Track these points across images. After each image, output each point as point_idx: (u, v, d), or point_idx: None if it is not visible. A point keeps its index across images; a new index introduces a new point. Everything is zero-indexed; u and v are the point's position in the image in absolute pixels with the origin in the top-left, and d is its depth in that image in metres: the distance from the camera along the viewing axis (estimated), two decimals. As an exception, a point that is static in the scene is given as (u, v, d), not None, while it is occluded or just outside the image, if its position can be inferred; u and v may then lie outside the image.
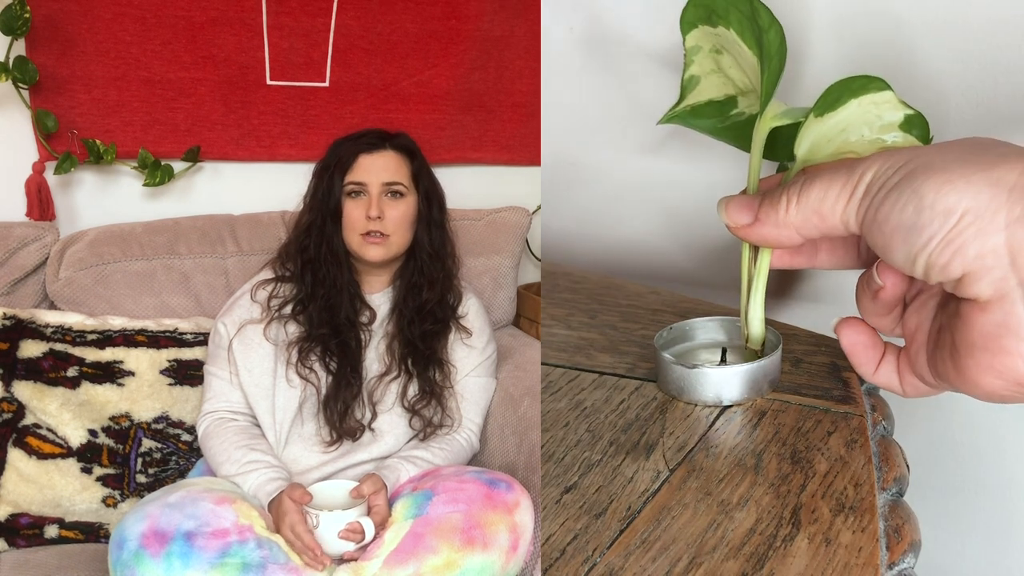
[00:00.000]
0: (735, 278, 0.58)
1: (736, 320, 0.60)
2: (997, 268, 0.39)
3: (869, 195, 0.43)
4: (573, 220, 0.89)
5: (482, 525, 0.72)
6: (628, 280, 0.78)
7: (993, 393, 0.42)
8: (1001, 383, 0.41)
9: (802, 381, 0.57)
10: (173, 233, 1.01)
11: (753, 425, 0.51)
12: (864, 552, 0.41)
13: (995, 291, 0.39)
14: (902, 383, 0.48)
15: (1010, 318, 0.39)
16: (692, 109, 0.58)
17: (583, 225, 0.88)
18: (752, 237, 0.48)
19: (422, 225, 0.88)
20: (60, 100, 1.00)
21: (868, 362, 0.48)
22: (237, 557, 0.69)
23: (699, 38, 0.58)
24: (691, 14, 0.57)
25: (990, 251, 0.39)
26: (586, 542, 0.42)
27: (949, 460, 0.72)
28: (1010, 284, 0.39)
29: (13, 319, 0.91)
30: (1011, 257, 0.39)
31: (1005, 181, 0.39)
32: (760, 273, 0.51)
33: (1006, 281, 0.39)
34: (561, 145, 0.86)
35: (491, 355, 0.93)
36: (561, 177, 0.88)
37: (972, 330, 0.41)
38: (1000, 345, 0.40)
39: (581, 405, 0.55)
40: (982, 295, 0.40)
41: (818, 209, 0.44)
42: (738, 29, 0.55)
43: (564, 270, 0.82)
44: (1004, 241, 0.38)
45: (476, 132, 1.18)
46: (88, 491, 0.89)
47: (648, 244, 0.84)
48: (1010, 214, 0.38)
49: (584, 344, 0.64)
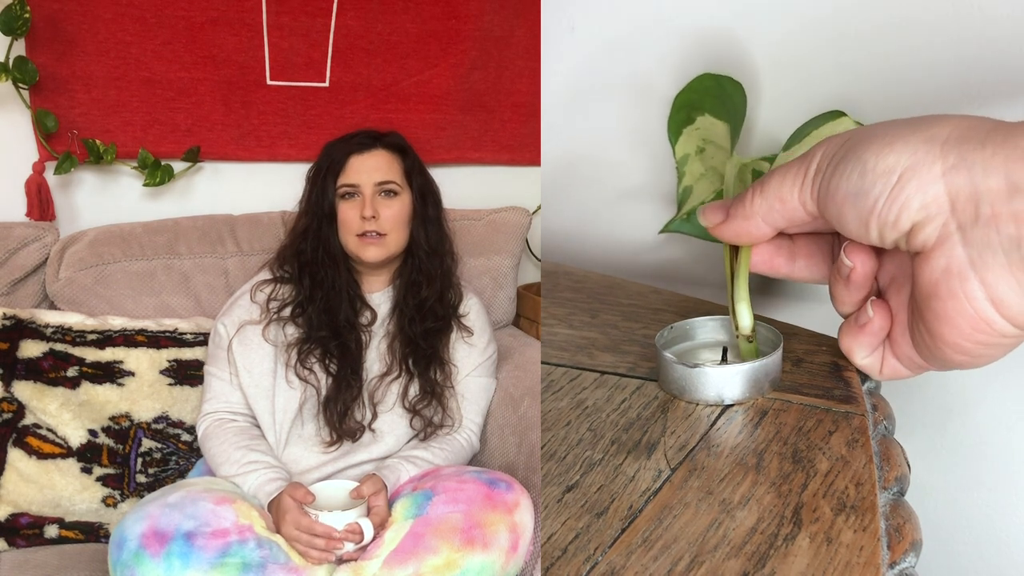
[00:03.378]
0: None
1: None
2: (939, 215, 0.41)
3: (820, 172, 0.46)
4: (573, 220, 0.89)
5: (482, 525, 0.72)
6: (627, 279, 0.78)
7: (960, 349, 0.43)
8: (960, 336, 0.43)
9: (803, 380, 0.57)
10: (173, 233, 1.01)
11: (754, 424, 0.52)
12: (865, 551, 0.41)
13: (937, 237, 0.42)
14: (882, 366, 0.51)
15: (951, 261, 0.41)
16: (688, 216, 0.66)
17: (583, 225, 0.88)
18: (726, 234, 0.52)
19: (418, 223, 0.88)
20: (60, 100, 1.00)
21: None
22: (237, 557, 0.69)
23: (685, 145, 0.67)
24: (674, 121, 0.68)
25: (932, 200, 0.41)
26: (588, 541, 0.42)
27: (950, 459, 0.73)
28: (950, 228, 0.41)
29: (13, 319, 0.91)
30: (951, 203, 0.41)
31: (938, 136, 0.42)
32: (741, 267, 0.53)
33: (947, 226, 0.41)
34: (561, 145, 0.87)
35: (492, 355, 0.93)
36: (561, 177, 0.88)
37: (923, 282, 0.43)
38: (948, 290, 0.42)
39: (583, 404, 0.55)
40: (928, 243, 0.42)
41: (778, 194, 0.48)
42: (712, 109, 0.66)
43: (564, 270, 0.82)
44: (943, 189, 0.41)
45: (476, 132, 1.18)
46: (88, 491, 0.89)
47: (648, 244, 0.84)
48: (944, 163, 0.41)
49: (585, 343, 0.64)
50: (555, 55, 0.83)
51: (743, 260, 0.53)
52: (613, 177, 0.85)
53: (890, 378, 0.52)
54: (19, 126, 1.00)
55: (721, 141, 0.66)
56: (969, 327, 0.42)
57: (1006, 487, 0.71)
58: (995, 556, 0.73)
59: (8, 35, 0.93)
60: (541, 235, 0.95)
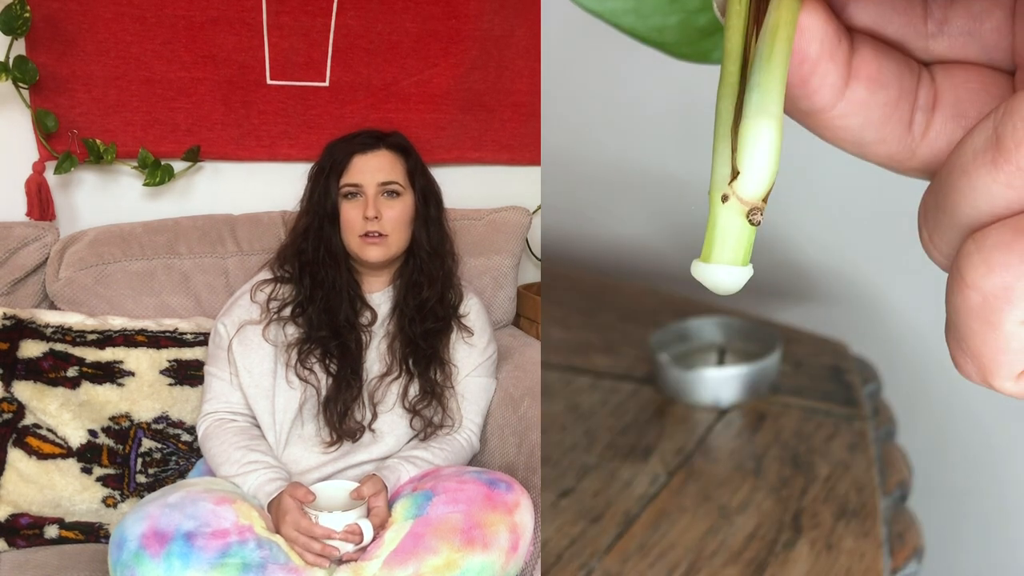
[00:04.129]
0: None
1: (735, 321, 0.59)
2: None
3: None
4: (573, 220, 0.88)
5: (482, 525, 0.72)
6: (627, 280, 0.78)
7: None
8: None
9: (803, 383, 0.56)
10: (173, 233, 1.01)
11: (753, 428, 0.51)
12: (867, 558, 0.40)
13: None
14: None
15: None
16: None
17: (583, 225, 0.88)
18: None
19: (420, 223, 0.88)
20: (60, 100, 1.00)
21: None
22: (237, 557, 0.69)
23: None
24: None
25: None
26: (583, 547, 0.42)
27: (953, 463, 0.72)
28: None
29: (13, 319, 0.91)
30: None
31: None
32: (778, 38, 0.23)
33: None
34: (561, 145, 0.86)
35: (492, 355, 0.92)
36: (561, 177, 0.88)
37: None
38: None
39: (578, 408, 0.55)
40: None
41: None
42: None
43: (564, 270, 0.82)
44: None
45: (476, 132, 1.18)
46: (88, 491, 0.89)
47: (648, 244, 0.84)
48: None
49: (582, 345, 0.64)
50: (555, 55, 0.82)
51: (782, 26, 0.23)
52: (613, 177, 0.84)
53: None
54: (19, 126, 1.00)
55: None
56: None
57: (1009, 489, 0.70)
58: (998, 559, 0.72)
59: (8, 35, 0.93)
60: (541, 235, 0.94)
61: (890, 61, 0.24)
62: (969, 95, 0.24)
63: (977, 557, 0.73)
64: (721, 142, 0.21)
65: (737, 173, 0.21)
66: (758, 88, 0.21)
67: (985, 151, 0.20)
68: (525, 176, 1.19)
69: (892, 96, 0.23)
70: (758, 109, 0.21)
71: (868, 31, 0.23)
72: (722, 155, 0.21)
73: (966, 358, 0.22)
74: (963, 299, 0.21)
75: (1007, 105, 0.20)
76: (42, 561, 0.81)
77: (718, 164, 0.21)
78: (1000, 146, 0.20)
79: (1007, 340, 0.21)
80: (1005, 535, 0.71)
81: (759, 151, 0.21)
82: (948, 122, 0.24)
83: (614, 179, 0.84)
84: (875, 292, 0.76)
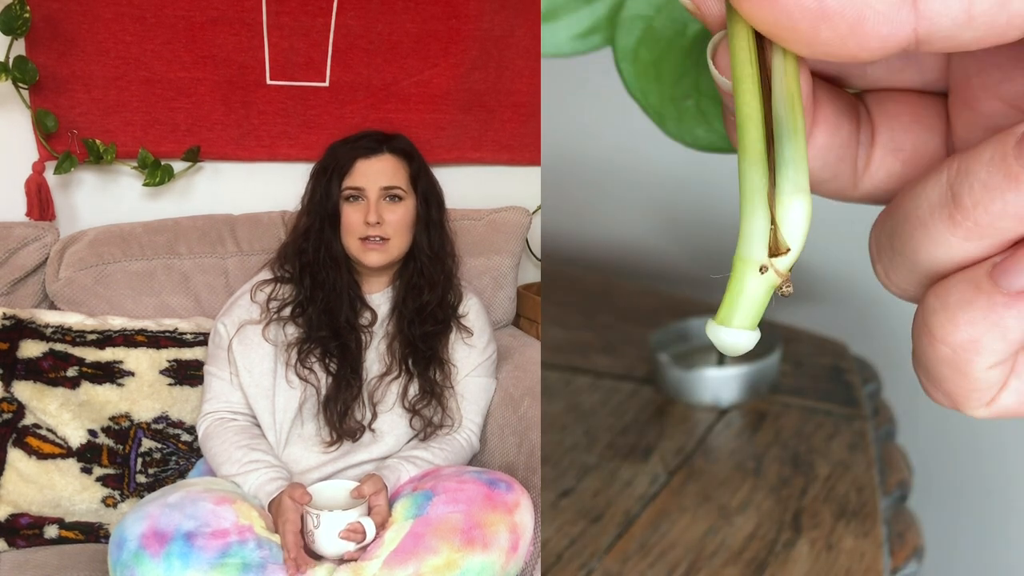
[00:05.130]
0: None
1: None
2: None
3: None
4: (573, 220, 0.88)
5: (482, 525, 0.72)
6: (627, 280, 0.78)
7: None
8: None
9: (803, 383, 0.56)
10: (173, 233, 1.01)
11: (753, 428, 0.51)
12: (867, 558, 0.40)
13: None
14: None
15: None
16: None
17: (583, 225, 0.88)
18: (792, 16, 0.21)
19: (421, 227, 0.88)
20: (60, 100, 1.00)
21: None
22: (237, 557, 0.69)
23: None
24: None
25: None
26: (583, 547, 0.42)
27: (953, 463, 0.72)
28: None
29: (13, 319, 0.91)
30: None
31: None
32: (791, 96, 0.22)
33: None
34: (561, 145, 0.86)
35: (491, 355, 0.92)
36: (561, 177, 0.88)
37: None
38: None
39: (578, 407, 0.55)
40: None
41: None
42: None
43: (564, 270, 0.82)
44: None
45: (476, 132, 1.18)
46: (88, 491, 0.89)
47: (648, 244, 0.84)
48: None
49: (582, 345, 0.64)
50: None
51: (796, 96, 0.22)
52: (613, 177, 0.84)
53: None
54: (19, 126, 1.00)
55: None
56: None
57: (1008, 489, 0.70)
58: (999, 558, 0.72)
59: (8, 35, 0.93)
60: (541, 235, 0.95)
61: (839, 101, 0.24)
62: (903, 128, 0.24)
63: (977, 557, 0.73)
64: (754, 213, 0.21)
65: (784, 248, 0.21)
66: (792, 165, 0.21)
67: (942, 207, 0.21)
68: (525, 176, 1.19)
69: (844, 137, 0.24)
70: (796, 187, 0.21)
71: (812, 66, 0.23)
72: (756, 226, 0.21)
73: (937, 392, 0.23)
74: (933, 350, 0.22)
75: (960, 163, 0.20)
76: (42, 561, 0.81)
77: (752, 234, 0.21)
78: (957, 204, 0.20)
79: (977, 382, 0.22)
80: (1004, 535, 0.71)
81: (802, 229, 0.21)
82: (887, 156, 0.24)
83: (614, 179, 0.84)
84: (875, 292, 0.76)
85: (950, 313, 0.21)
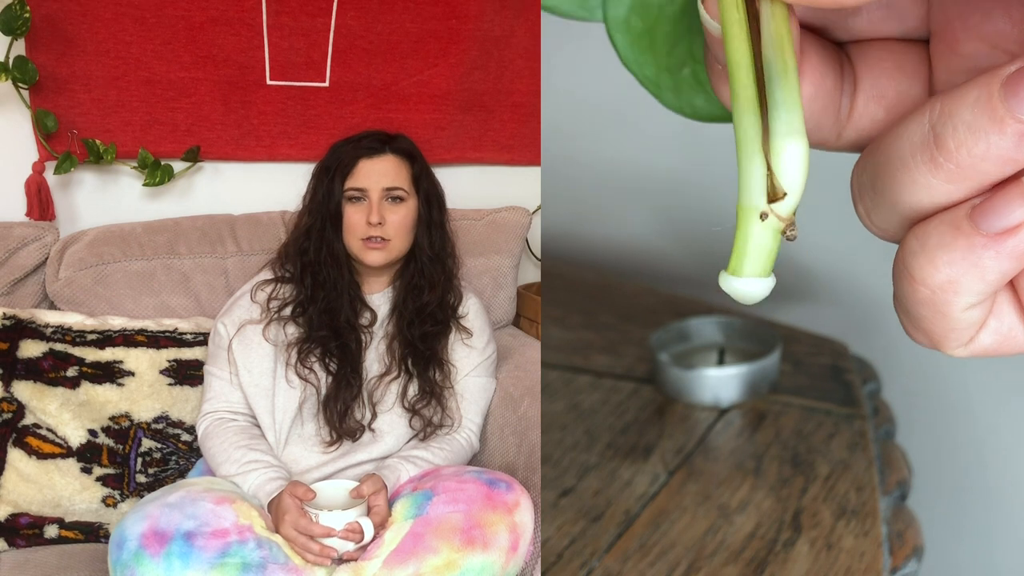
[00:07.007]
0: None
1: (735, 320, 0.59)
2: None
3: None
4: (573, 220, 0.89)
5: (482, 525, 0.72)
6: (627, 280, 0.78)
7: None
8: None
9: (803, 383, 0.56)
10: (173, 233, 1.01)
11: (753, 427, 0.51)
12: (867, 557, 0.40)
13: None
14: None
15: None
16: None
17: (583, 225, 0.88)
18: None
19: (422, 227, 0.88)
20: (60, 100, 1.00)
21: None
22: (237, 557, 0.69)
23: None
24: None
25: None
26: (583, 546, 0.42)
27: (953, 463, 0.72)
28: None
29: (13, 319, 0.91)
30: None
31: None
32: (784, 46, 0.23)
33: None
34: (561, 145, 0.86)
35: (491, 355, 0.93)
36: (561, 177, 0.88)
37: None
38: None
39: (578, 407, 0.55)
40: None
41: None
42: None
43: (564, 270, 0.82)
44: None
45: (476, 132, 1.18)
46: (88, 491, 0.89)
47: (648, 244, 0.84)
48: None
49: (582, 345, 0.64)
50: (555, 55, 0.82)
51: (785, 37, 0.23)
52: (613, 177, 0.84)
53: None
54: (19, 126, 1.00)
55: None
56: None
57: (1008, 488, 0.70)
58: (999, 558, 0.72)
59: (8, 35, 0.93)
60: (541, 235, 0.95)
61: (824, 52, 0.24)
62: (885, 75, 0.25)
63: (977, 556, 0.73)
64: (750, 160, 0.21)
65: (781, 193, 0.21)
66: (784, 107, 0.21)
67: (924, 148, 0.20)
68: (525, 176, 1.19)
69: (829, 87, 0.24)
70: (789, 129, 0.21)
71: (798, 16, 0.23)
72: (754, 174, 0.21)
73: (917, 332, 0.23)
74: (913, 291, 0.22)
75: (943, 104, 0.20)
76: (42, 561, 0.81)
77: (750, 181, 0.21)
78: (940, 145, 0.20)
79: (955, 322, 0.22)
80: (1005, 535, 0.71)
81: (799, 172, 0.21)
82: (870, 103, 0.25)
83: (614, 179, 0.84)
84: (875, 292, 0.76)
85: (930, 254, 0.21)
